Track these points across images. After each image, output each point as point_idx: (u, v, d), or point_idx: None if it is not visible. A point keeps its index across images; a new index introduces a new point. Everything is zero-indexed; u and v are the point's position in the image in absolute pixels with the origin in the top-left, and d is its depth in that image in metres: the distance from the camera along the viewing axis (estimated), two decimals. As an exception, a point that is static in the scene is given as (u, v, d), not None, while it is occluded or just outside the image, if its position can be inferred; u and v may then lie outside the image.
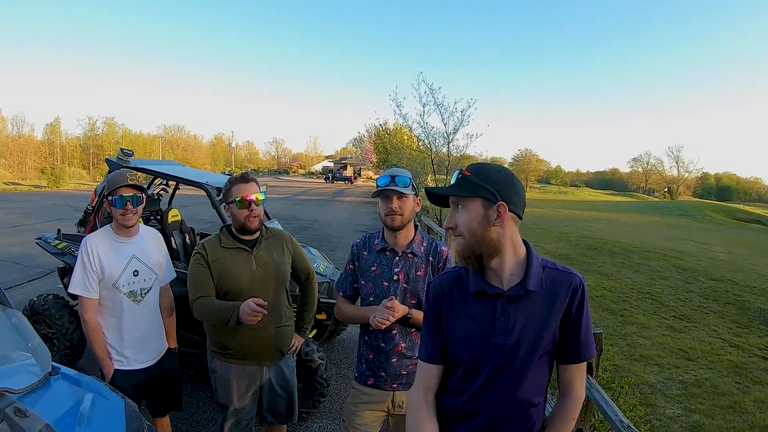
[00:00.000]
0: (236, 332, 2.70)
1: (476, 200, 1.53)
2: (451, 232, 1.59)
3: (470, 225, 1.53)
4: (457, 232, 1.56)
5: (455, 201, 1.58)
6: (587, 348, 1.58)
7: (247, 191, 2.66)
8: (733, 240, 24.37)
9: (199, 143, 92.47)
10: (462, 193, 1.54)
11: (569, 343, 1.58)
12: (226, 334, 2.74)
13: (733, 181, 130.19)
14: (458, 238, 1.56)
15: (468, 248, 1.54)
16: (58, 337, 4.67)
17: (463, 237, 1.54)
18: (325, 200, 32.84)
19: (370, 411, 2.50)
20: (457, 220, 1.56)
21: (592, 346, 1.60)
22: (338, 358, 5.64)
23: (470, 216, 1.53)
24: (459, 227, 1.55)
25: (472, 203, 1.53)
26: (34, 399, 2.18)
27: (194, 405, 4.33)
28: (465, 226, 1.54)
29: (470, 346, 1.58)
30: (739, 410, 5.29)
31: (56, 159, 54.90)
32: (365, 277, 2.49)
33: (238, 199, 2.65)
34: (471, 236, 1.53)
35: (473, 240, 1.53)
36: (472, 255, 1.54)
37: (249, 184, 2.70)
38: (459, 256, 1.57)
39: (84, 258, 2.72)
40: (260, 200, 2.72)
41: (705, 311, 9.30)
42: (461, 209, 1.55)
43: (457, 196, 1.56)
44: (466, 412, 1.62)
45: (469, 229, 1.53)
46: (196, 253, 2.70)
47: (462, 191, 1.54)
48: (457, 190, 1.55)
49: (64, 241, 5.09)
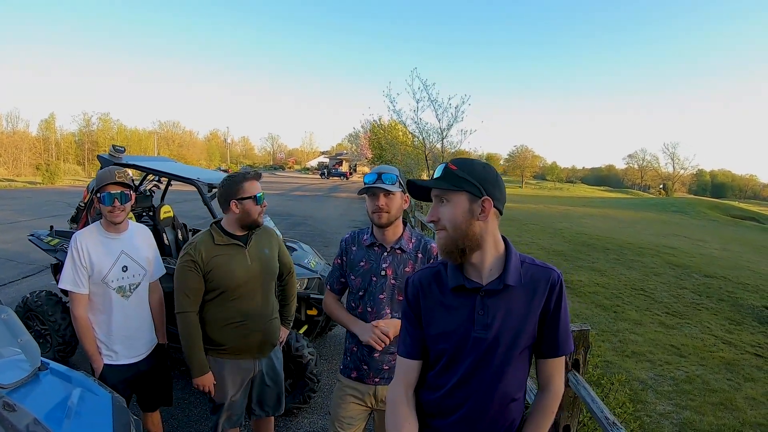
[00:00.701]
0: (229, 329, 2.78)
1: (461, 194, 1.53)
2: (434, 225, 1.59)
3: (455, 219, 1.53)
4: (440, 226, 1.56)
5: (439, 195, 1.58)
6: (566, 342, 1.60)
7: (258, 189, 2.81)
8: (727, 237, 24.43)
9: (194, 139, 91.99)
10: (448, 187, 1.54)
11: (548, 337, 1.59)
12: (220, 331, 2.79)
13: (729, 178, 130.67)
14: (441, 232, 1.57)
15: (452, 242, 1.54)
16: (51, 333, 4.68)
17: (446, 231, 1.55)
18: (320, 196, 32.79)
19: (354, 404, 2.52)
20: (440, 214, 1.56)
21: (571, 341, 1.62)
22: (329, 354, 5.66)
23: (455, 210, 1.53)
24: (442, 221, 1.55)
25: (456, 197, 1.54)
26: (23, 394, 2.20)
27: (185, 401, 4.34)
28: (449, 219, 1.54)
29: (449, 341, 1.59)
30: (730, 407, 5.32)
31: (51, 155, 54.44)
32: (354, 272, 2.50)
33: (259, 195, 2.78)
34: (455, 230, 1.53)
35: (457, 234, 1.53)
36: (456, 249, 1.54)
37: (258, 181, 2.85)
38: (443, 250, 1.57)
39: (74, 254, 2.75)
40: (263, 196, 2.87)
41: (698, 308, 9.33)
42: (445, 203, 1.56)
43: (442, 189, 1.56)
44: (445, 406, 1.63)
45: (454, 223, 1.53)
46: (186, 255, 2.71)
47: (447, 185, 1.54)
48: (442, 183, 1.55)
49: (56, 237, 5.09)
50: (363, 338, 2.38)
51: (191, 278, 2.68)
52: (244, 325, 2.78)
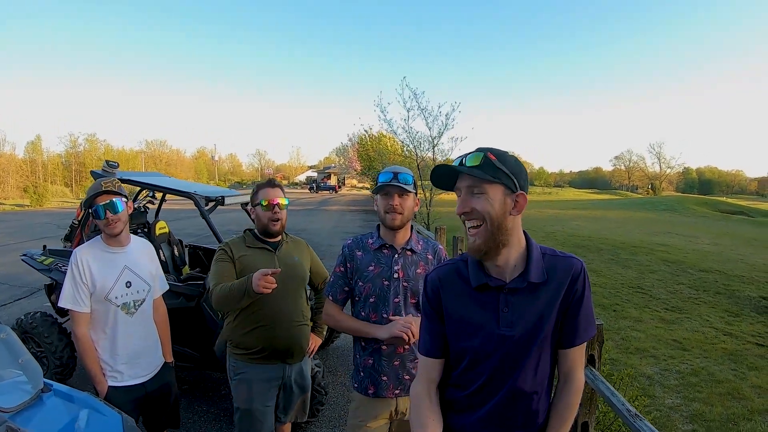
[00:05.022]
0: (257, 332, 2.78)
1: (498, 186, 1.46)
2: (465, 217, 1.50)
3: (493, 212, 1.46)
4: (474, 219, 1.48)
5: (472, 185, 1.48)
6: (588, 329, 1.55)
7: (273, 195, 2.82)
8: (718, 231, 24.59)
9: (181, 157, 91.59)
10: (485, 177, 1.45)
11: (570, 326, 1.54)
12: (248, 335, 2.79)
13: (715, 175, 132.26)
14: (477, 228, 1.48)
15: (490, 237, 1.47)
16: (48, 355, 4.55)
17: (484, 224, 1.47)
18: (311, 210, 32.70)
19: (374, 422, 2.39)
20: (474, 205, 1.47)
21: (593, 326, 1.56)
22: (334, 366, 5.58)
23: (492, 202, 1.46)
24: (477, 213, 1.47)
25: (493, 189, 1.46)
26: (28, 417, 2.12)
27: (190, 420, 4.24)
28: (487, 212, 1.45)
29: (474, 339, 1.54)
30: (738, 396, 5.33)
31: (38, 177, 54.07)
32: (363, 277, 2.38)
33: (264, 202, 2.79)
34: (492, 223, 1.46)
35: (494, 228, 1.46)
36: (494, 244, 1.48)
37: (275, 189, 2.86)
38: (479, 246, 1.49)
39: (74, 270, 2.64)
40: (284, 205, 2.87)
41: (696, 302, 9.37)
42: (479, 194, 1.47)
43: (478, 179, 1.46)
44: (470, 403, 1.59)
45: (491, 216, 1.46)
46: (221, 249, 2.83)
47: (485, 174, 1.45)
48: (479, 173, 1.45)
49: (50, 257, 4.99)
50: (390, 332, 2.22)
51: (224, 267, 2.76)
52: (270, 329, 2.77)
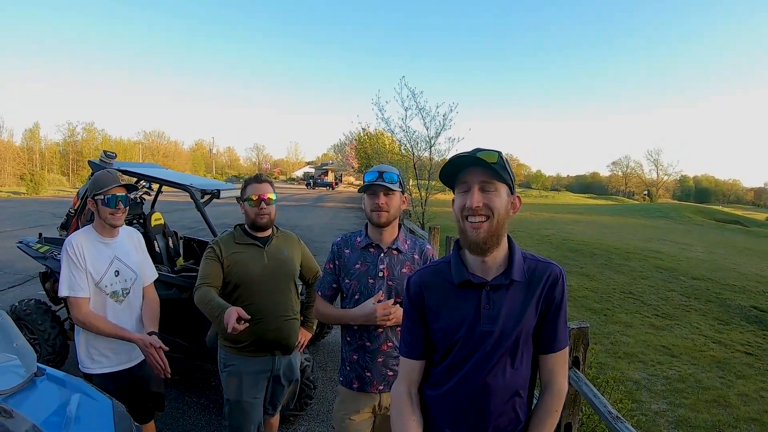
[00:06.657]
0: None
1: (504, 186, 1.53)
2: (475, 211, 1.50)
3: (501, 209, 1.52)
4: (482, 213, 1.50)
5: (487, 180, 1.51)
6: (565, 336, 1.61)
7: (260, 191, 2.87)
8: (712, 240, 24.69)
9: (179, 149, 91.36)
10: (499, 175, 1.50)
11: (549, 332, 1.59)
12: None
13: (712, 183, 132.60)
14: (482, 222, 1.50)
15: (494, 232, 1.52)
16: (40, 342, 4.58)
17: (490, 220, 1.50)
18: (306, 206, 32.65)
19: (358, 416, 2.45)
20: (487, 200, 1.50)
21: (566, 335, 1.63)
22: (324, 361, 5.62)
23: (502, 200, 1.52)
24: (489, 208, 1.50)
25: (501, 188, 1.52)
26: (20, 400, 2.16)
27: (179, 410, 4.29)
28: (498, 208, 1.50)
29: (456, 335, 1.58)
30: (724, 404, 5.38)
31: (35, 165, 53.96)
32: (349, 275, 2.44)
33: (253, 197, 2.84)
34: (499, 221, 1.51)
35: (499, 224, 1.52)
36: (495, 240, 1.53)
37: (262, 184, 2.90)
38: (481, 240, 1.51)
39: (71, 256, 2.69)
40: (272, 200, 2.91)
41: (687, 309, 9.42)
42: (492, 190, 1.51)
43: (493, 176, 1.51)
44: (450, 401, 1.61)
45: (500, 213, 1.51)
46: (209, 248, 2.88)
47: (501, 172, 1.51)
48: (499, 171, 1.50)
49: (46, 245, 5.01)
50: (365, 311, 2.30)
51: (210, 265, 2.81)
52: (259, 323, 2.78)
